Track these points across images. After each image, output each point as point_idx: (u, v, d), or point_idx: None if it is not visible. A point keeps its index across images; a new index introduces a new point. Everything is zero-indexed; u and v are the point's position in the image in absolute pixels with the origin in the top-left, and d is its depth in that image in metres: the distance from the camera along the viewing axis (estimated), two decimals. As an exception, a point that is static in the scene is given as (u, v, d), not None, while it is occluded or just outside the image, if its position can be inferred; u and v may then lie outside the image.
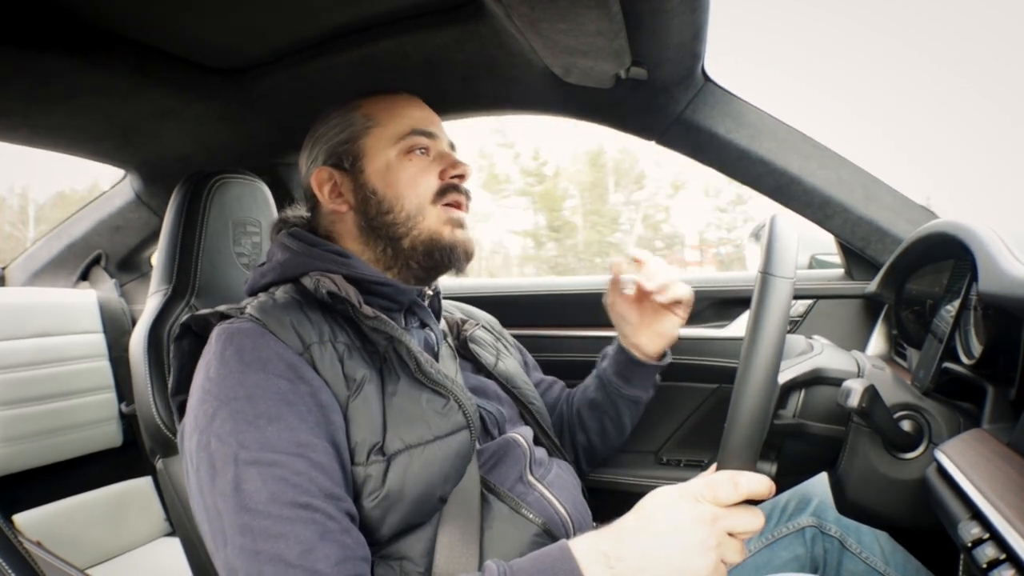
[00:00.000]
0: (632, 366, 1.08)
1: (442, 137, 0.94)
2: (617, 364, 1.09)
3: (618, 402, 1.10)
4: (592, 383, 1.14)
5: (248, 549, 0.63)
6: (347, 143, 0.90)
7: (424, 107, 0.95)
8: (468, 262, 0.91)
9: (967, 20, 12.50)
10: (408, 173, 0.88)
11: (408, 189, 0.88)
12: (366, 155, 0.89)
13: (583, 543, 0.64)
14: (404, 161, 0.89)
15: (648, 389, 1.12)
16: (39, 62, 0.97)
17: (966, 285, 0.84)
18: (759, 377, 0.63)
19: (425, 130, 0.90)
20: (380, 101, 0.92)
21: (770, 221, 0.68)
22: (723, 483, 0.62)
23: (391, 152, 0.89)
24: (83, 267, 1.79)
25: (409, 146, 0.89)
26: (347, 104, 0.93)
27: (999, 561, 0.52)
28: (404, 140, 0.89)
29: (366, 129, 0.90)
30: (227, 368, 0.71)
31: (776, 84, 9.45)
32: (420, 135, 0.90)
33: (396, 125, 0.90)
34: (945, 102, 8.88)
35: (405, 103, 0.93)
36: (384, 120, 0.90)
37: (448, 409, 0.81)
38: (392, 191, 0.88)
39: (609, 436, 1.13)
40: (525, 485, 0.86)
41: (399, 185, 0.88)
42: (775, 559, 0.95)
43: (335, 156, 0.90)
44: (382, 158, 0.89)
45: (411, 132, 0.89)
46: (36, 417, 1.54)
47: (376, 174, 0.89)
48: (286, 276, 0.86)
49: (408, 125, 0.90)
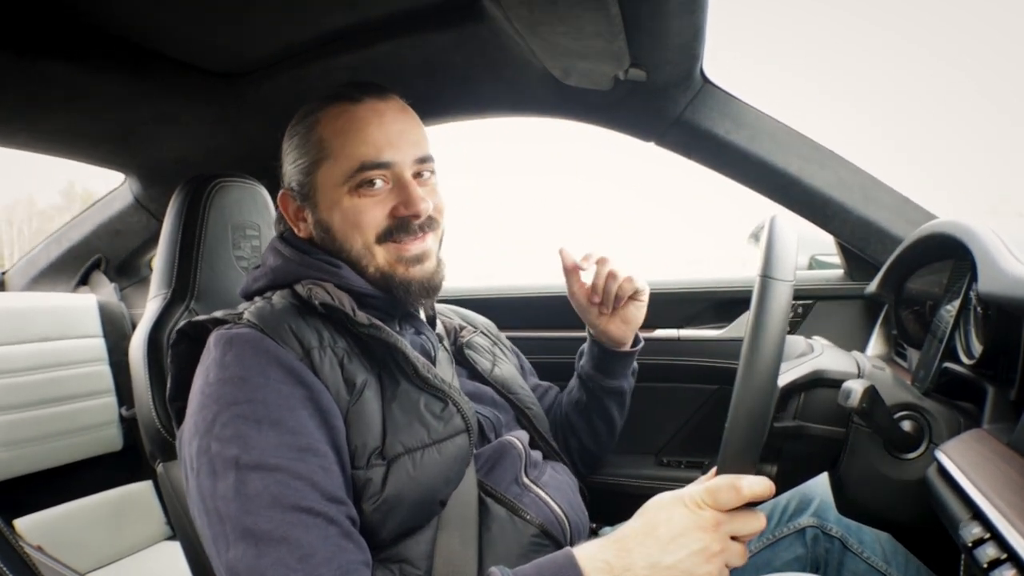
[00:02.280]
0: (607, 357, 1.08)
1: (402, 160, 0.83)
2: (593, 358, 1.09)
3: (602, 397, 1.10)
4: (574, 384, 1.14)
5: (249, 553, 0.63)
6: (302, 175, 0.86)
7: (386, 119, 0.84)
8: (432, 295, 0.88)
9: (967, 19, 12.33)
10: (352, 213, 0.82)
11: (352, 230, 0.83)
12: (318, 191, 0.85)
13: (587, 552, 0.65)
14: (353, 199, 0.82)
15: (628, 378, 1.11)
16: (38, 66, 0.97)
17: (966, 285, 0.84)
18: (758, 382, 0.63)
19: (377, 161, 0.81)
20: (336, 117, 0.84)
21: (769, 222, 0.68)
22: (724, 489, 0.63)
23: (341, 191, 0.83)
24: (83, 271, 1.79)
25: (358, 182, 0.82)
26: (308, 116, 0.86)
27: (1000, 561, 0.52)
28: (352, 178, 0.82)
29: (318, 162, 0.84)
30: (227, 373, 0.71)
31: (776, 83, 9.42)
32: (371, 169, 0.81)
33: (345, 160, 0.82)
34: (945, 102, 8.85)
35: (363, 121, 0.83)
36: (335, 151, 0.83)
37: (447, 413, 0.81)
38: (341, 232, 0.84)
39: (600, 434, 1.13)
40: (520, 487, 0.86)
41: (345, 225, 0.83)
42: (776, 559, 0.95)
43: (296, 183, 0.87)
44: (331, 196, 0.84)
45: (360, 168, 0.81)
46: (36, 421, 1.54)
47: (327, 212, 0.84)
48: (279, 282, 0.86)
49: (357, 159, 0.81)
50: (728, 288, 1.46)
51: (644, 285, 1.02)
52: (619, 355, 1.08)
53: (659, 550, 0.62)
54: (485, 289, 1.65)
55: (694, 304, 1.48)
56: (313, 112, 0.86)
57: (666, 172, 13.87)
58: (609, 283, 1.00)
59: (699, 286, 1.48)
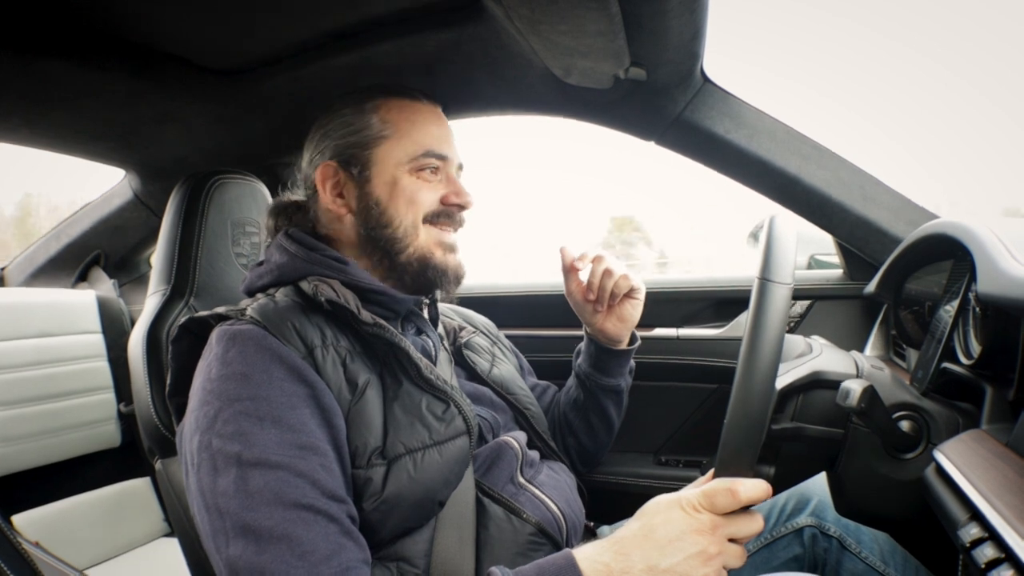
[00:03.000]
0: (604, 355, 1.08)
1: (453, 159, 0.91)
2: (590, 356, 1.10)
3: (599, 394, 1.10)
4: (572, 382, 1.15)
5: (249, 550, 0.63)
6: (358, 147, 0.88)
7: (442, 122, 0.93)
8: (458, 285, 0.92)
9: (968, 20, 12.29)
10: (412, 190, 0.87)
11: (407, 206, 0.87)
12: (376, 165, 0.88)
13: (586, 554, 0.65)
14: (412, 179, 0.88)
15: (626, 377, 1.12)
16: (39, 64, 0.97)
17: (965, 285, 0.84)
18: (756, 386, 0.63)
19: (439, 152, 0.89)
20: (400, 107, 0.90)
21: (768, 223, 0.68)
22: (721, 492, 0.63)
23: (402, 169, 0.87)
24: (82, 267, 1.78)
25: (420, 165, 0.88)
26: (363, 100, 0.90)
27: (998, 561, 0.52)
28: (415, 160, 0.87)
29: (381, 138, 0.88)
30: (230, 370, 0.71)
31: (776, 83, 9.37)
32: (433, 156, 0.88)
33: (412, 143, 0.88)
34: (946, 101, 8.80)
35: (425, 116, 0.90)
36: (401, 132, 0.88)
37: (449, 415, 0.81)
38: (394, 206, 0.87)
39: (598, 432, 1.13)
40: (516, 486, 0.87)
41: (400, 201, 0.87)
42: (774, 559, 0.96)
43: (343, 156, 0.89)
44: (391, 172, 0.87)
45: (426, 153, 0.88)
46: (35, 417, 1.54)
47: (382, 186, 0.87)
48: (284, 279, 0.86)
49: (424, 145, 0.88)
50: (727, 287, 1.46)
51: (640, 283, 1.03)
52: (616, 353, 1.08)
53: (657, 553, 0.62)
54: (484, 288, 1.65)
55: (693, 303, 1.48)
56: (369, 98, 0.90)
57: (667, 171, 13.77)
58: (604, 280, 1.01)
59: (698, 285, 1.48)
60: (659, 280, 1.51)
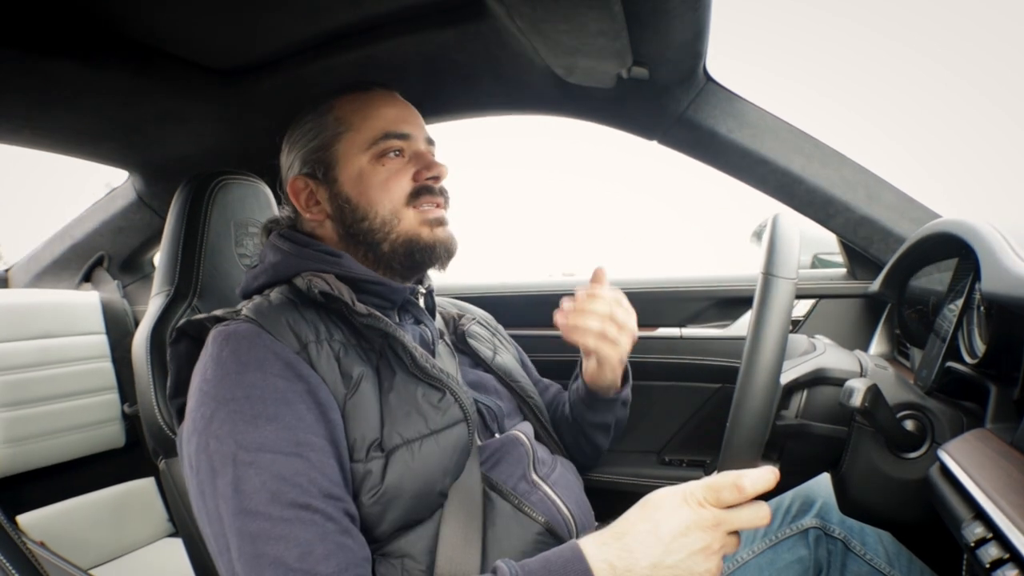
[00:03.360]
0: (590, 396, 1.03)
1: (417, 135, 0.90)
2: (578, 392, 1.06)
3: (586, 428, 1.06)
4: (570, 398, 1.10)
5: (248, 552, 0.63)
6: (319, 151, 0.88)
7: (398, 103, 0.92)
8: (450, 259, 0.90)
9: (968, 20, 12.19)
10: (380, 178, 0.86)
11: (381, 195, 0.86)
12: (338, 163, 0.87)
13: (590, 548, 0.65)
14: (376, 166, 0.86)
15: (614, 413, 1.05)
16: (41, 64, 0.97)
17: (969, 284, 0.84)
18: (761, 378, 0.63)
19: (398, 132, 0.88)
20: (352, 101, 0.89)
21: (772, 221, 0.68)
22: (726, 487, 0.62)
23: (363, 158, 0.87)
24: (86, 268, 1.79)
25: (381, 150, 0.87)
26: (320, 105, 0.90)
27: (1002, 561, 0.52)
28: (376, 145, 0.86)
29: (337, 135, 0.88)
30: (224, 369, 0.71)
31: (779, 83, 9.33)
32: (393, 138, 0.87)
33: (368, 129, 0.87)
34: (948, 100, 8.76)
35: (378, 102, 0.90)
36: (356, 123, 0.87)
37: (444, 403, 0.81)
38: (365, 198, 0.86)
39: (585, 454, 1.09)
40: (529, 484, 0.86)
41: (371, 192, 0.86)
42: (778, 560, 0.95)
43: (309, 164, 0.89)
44: (354, 165, 0.87)
45: (383, 136, 0.87)
46: (39, 418, 1.54)
47: (349, 182, 0.87)
48: (279, 278, 0.86)
49: (380, 128, 0.87)
50: (730, 287, 1.46)
51: (618, 334, 0.93)
52: (601, 398, 1.03)
53: (662, 550, 0.62)
54: (484, 287, 1.66)
55: (696, 302, 1.48)
56: (324, 101, 0.90)
57: (667, 170, 13.69)
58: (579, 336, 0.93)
59: (701, 284, 1.48)
60: (662, 279, 1.50)
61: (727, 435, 0.66)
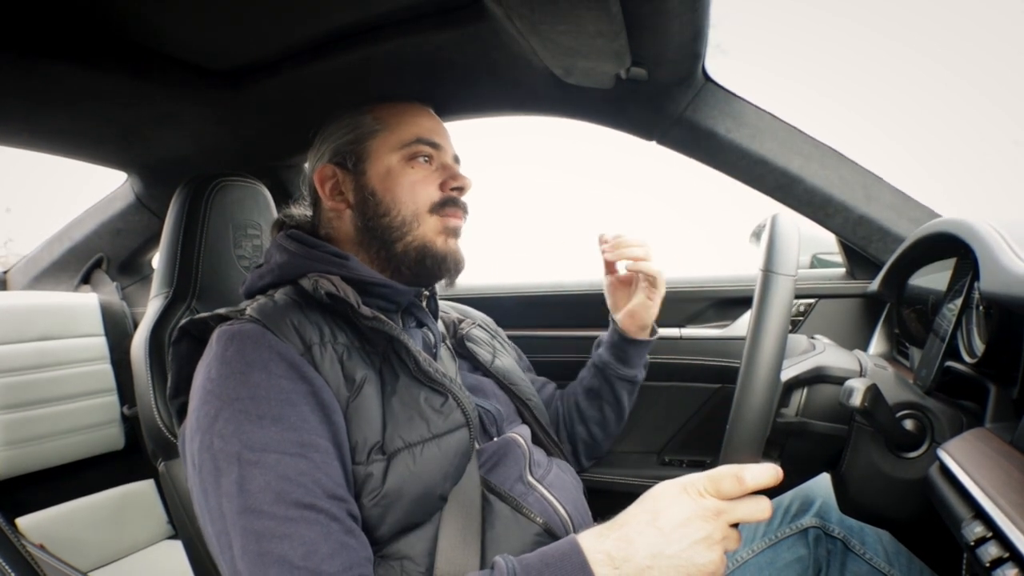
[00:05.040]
0: (625, 345, 1.12)
1: (447, 149, 0.94)
2: (612, 346, 1.13)
3: (615, 384, 1.13)
4: (588, 372, 1.17)
5: (251, 551, 0.63)
6: (353, 143, 0.92)
7: (433, 118, 0.97)
8: (458, 273, 0.93)
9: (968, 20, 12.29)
10: (408, 179, 0.89)
11: (406, 195, 0.89)
12: (370, 157, 0.90)
13: (587, 540, 0.65)
14: (406, 167, 0.90)
15: (642, 368, 1.15)
16: (40, 66, 0.97)
17: (968, 283, 0.84)
18: (762, 373, 0.64)
19: (430, 140, 0.92)
20: (391, 107, 0.94)
21: (771, 220, 0.68)
22: (727, 477, 0.62)
23: (394, 157, 0.90)
24: (84, 270, 1.79)
25: (412, 153, 0.90)
26: (359, 107, 0.95)
27: (1002, 560, 0.52)
28: (408, 147, 0.90)
29: (373, 132, 0.91)
30: (229, 368, 0.71)
31: (777, 83, 9.37)
32: (425, 144, 0.91)
33: (403, 131, 0.91)
34: (947, 100, 8.79)
35: (415, 112, 0.95)
36: (392, 125, 0.92)
37: (447, 407, 0.81)
38: (390, 195, 0.89)
39: (609, 423, 1.15)
40: (525, 485, 0.86)
41: (398, 190, 0.89)
42: (778, 560, 0.95)
43: (340, 155, 0.92)
44: (385, 162, 0.90)
45: (416, 140, 0.91)
46: (38, 421, 1.54)
47: (377, 176, 0.90)
48: (284, 278, 0.86)
49: (414, 133, 0.91)
50: (730, 287, 1.46)
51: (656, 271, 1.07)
52: (637, 343, 1.12)
53: (662, 540, 0.62)
54: (484, 288, 1.65)
55: (696, 303, 1.48)
56: (362, 105, 0.96)
57: (666, 170, 13.50)
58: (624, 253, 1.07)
59: (701, 284, 1.48)
60: None
61: (728, 431, 0.67)
